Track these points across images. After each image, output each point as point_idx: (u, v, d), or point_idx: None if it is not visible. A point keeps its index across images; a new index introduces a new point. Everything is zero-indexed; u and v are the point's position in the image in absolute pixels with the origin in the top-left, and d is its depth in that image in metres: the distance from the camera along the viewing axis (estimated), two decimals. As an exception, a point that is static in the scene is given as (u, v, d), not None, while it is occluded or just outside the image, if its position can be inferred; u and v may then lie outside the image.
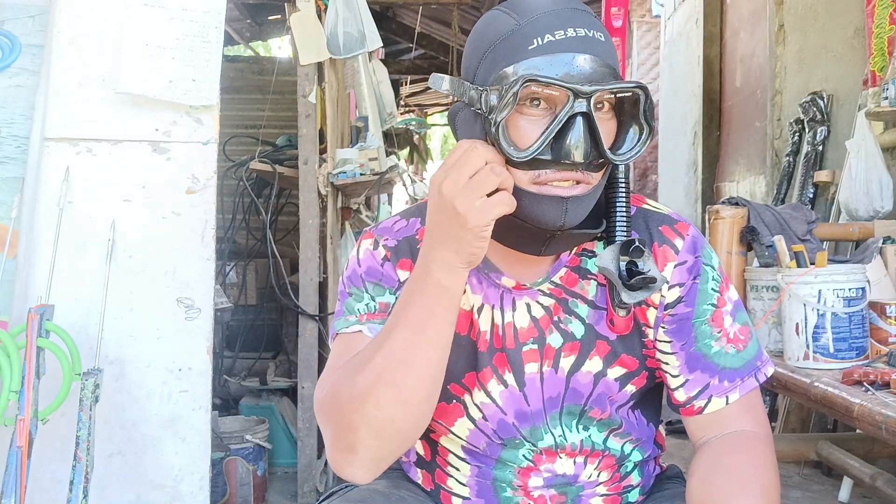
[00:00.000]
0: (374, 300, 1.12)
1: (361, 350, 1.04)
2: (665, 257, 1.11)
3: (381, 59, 4.66)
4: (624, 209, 1.07)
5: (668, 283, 1.11)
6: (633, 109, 1.02)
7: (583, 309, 1.11)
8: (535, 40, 0.99)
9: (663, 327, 1.11)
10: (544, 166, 0.99)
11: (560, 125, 0.97)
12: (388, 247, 1.15)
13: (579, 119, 0.96)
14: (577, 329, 1.11)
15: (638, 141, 1.03)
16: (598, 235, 1.09)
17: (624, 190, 1.08)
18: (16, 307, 2.24)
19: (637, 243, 1.02)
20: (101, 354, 2.24)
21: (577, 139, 0.96)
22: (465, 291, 1.12)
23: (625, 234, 1.06)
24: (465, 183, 0.94)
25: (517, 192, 1.01)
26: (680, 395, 1.12)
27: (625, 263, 1.03)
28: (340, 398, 1.01)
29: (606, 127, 1.02)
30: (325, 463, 3.15)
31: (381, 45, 3.47)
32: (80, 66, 2.36)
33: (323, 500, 1.18)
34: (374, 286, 1.13)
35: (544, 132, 0.97)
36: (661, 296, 1.11)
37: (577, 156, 0.97)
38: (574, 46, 0.99)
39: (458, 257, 0.97)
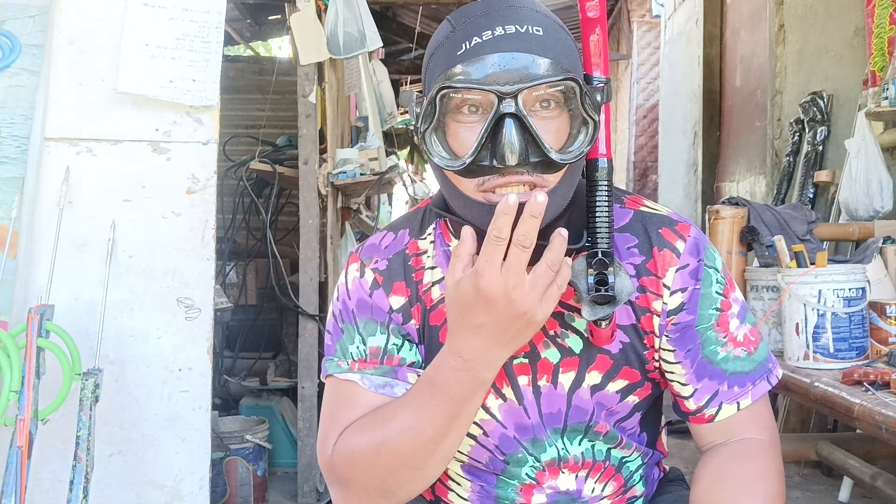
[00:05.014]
0: (364, 343, 1.08)
1: (379, 415, 1.02)
2: (666, 262, 1.06)
3: (381, 59, 4.66)
4: (604, 215, 1.01)
5: (668, 289, 1.06)
6: (574, 103, 0.98)
7: (580, 323, 1.07)
8: (463, 45, 0.97)
9: (667, 336, 1.08)
10: (487, 172, 0.96)
11: (489, 129, 0.93)
12: (378, 270, 1.11)
13: (508, 120, 0.92)
14: (575, 344, 1.08)
15: (586, 136, 0.98)
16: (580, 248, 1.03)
17: (605, 193, 1.02)
18: (16, 307, 2.24)
19: (601, 255, 0.98)
20: (101, 354, 2.24)
21: (509, 141, 0.92)
22: None
23: (605, 242, 1.00)
24: (531, 284, 0.91)
25: (467, 201, 0.99)
26: (690, 405, 1.09)
27: (593, 277, 0.98)
28: (357, 466, 1.01)
29: (554, 125, 0.98)
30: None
31: (381, 45, 3.47)
32: (80, 66, 2.36)
33: None
34: (364, 323, 1.09)
35: (477, 138, 0.95)
36: (664, 302, 1.07)
37: (512, 158, 0.92)
38: (502, 45, 0.95)
39: (511, 352, 0.96)
